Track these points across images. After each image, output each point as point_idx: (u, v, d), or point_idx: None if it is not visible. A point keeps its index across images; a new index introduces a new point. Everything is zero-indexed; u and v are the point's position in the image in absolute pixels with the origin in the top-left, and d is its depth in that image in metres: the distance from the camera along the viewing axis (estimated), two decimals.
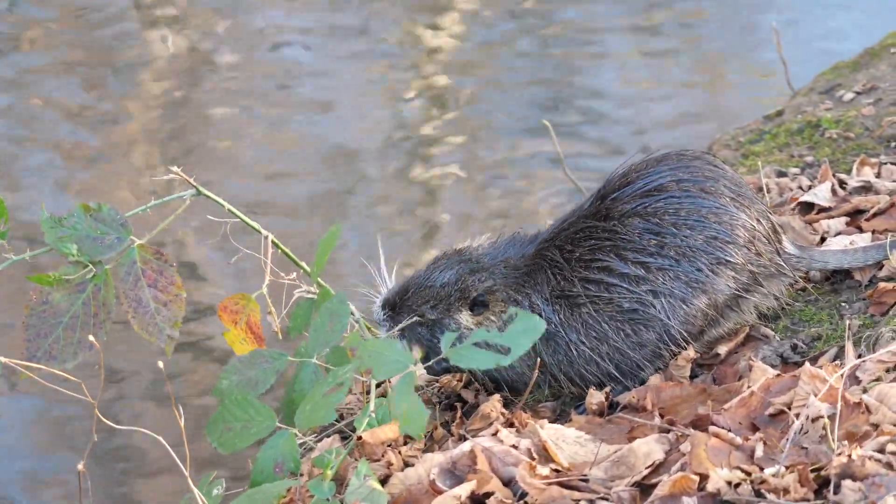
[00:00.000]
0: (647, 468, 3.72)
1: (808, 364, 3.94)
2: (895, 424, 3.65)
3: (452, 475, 3.85)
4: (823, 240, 4.81)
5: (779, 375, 4.01)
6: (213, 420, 4.09)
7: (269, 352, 4.25)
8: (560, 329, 4.29)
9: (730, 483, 3.50)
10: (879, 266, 4.53)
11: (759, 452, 3.63)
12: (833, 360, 4.15)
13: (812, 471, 3.50)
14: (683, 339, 4.26)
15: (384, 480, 3.95)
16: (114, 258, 4.30)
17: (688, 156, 4.34)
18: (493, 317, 4.31)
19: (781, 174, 5.40)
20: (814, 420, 3.70)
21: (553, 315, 4.28)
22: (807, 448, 3.61)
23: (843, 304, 4.49)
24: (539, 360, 4.27)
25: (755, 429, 3.85)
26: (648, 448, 3.77)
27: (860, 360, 3.98)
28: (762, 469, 3.55)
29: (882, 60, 6.21)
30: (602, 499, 3.67)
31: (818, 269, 4.57)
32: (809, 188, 5.17)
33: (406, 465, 4.05)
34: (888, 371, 3.97)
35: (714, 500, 3.50)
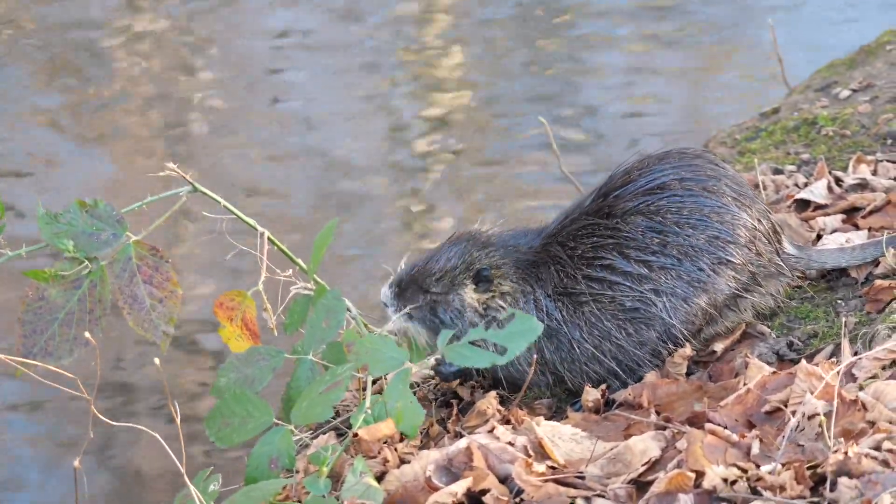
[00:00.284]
0: (644, 465, 3.71)
1: (805, 361, 3.95)
2: (891, 422, 3.65)
3: (448, 472, 3.85)
4: (819, 237, 4.81)
5: (775, 373, 4.01)
6: (212, 414, 4.09)
7: (267, 349, 4.25)
8: (563, 326, 4.29)
9: (726, 480, 3.50)
10: (876, 263, 4.53)
11: (756, 450, 3.63)
12: (829, 358, 4.16)
13: (808, 468, 3.51)
14: (683, 338, 4.27)
15: (380, 477, 3.95)
16: (109, 254, 4.30)
17: (689, 154, 4.35)
18: (499, 298, 4.31)
19: (778, 171, 5.40)
20: (810, 417, 3.70)
21: (556, 312, 4.29)
22: (803, 445, 3.61)
23: (840, 302, 4.49)
24: (540, 358, 4.28)
25: (751, 426, 3.85)
26: (645, 445, 3.77)
27: (856, 358, 3.98)
28: (758, 466, 3.55)
29: (878, 58, 6.21)
30: (598, 496, 3.66)
31: (816, 269, 4.58)
32: (806, 185, 5.17)
33: (402, 462, 4.04)
34: (884, 368, 3.98)
35: (710, 498, 3.50)
